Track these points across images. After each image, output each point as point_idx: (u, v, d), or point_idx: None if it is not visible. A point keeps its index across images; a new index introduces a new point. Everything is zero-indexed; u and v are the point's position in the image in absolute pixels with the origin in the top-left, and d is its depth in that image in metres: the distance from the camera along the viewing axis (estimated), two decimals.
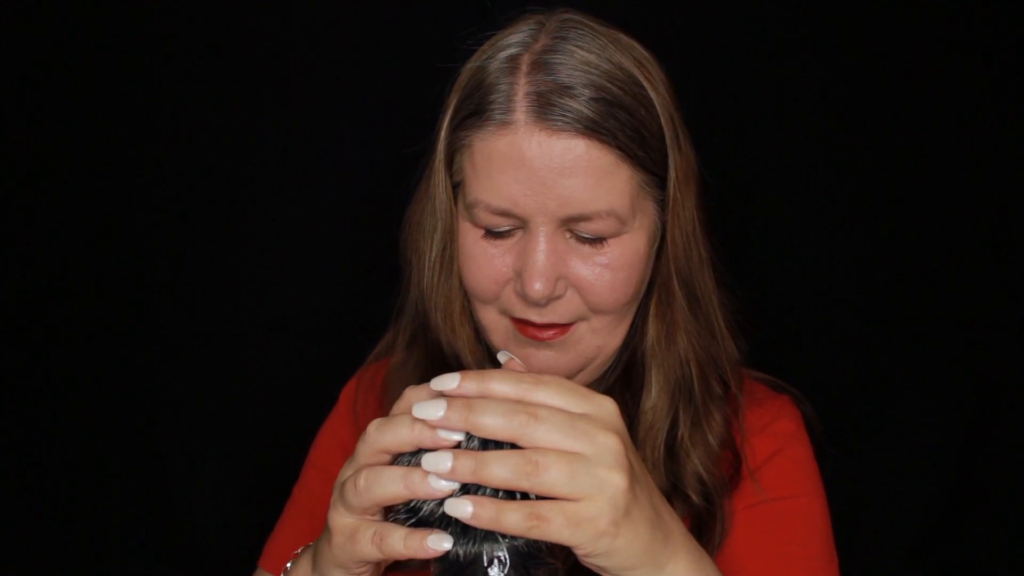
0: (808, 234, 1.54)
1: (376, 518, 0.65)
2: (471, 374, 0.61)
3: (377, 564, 0.68)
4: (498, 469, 0.57)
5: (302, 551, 0.80)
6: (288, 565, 0.81)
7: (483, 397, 0.60)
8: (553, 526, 0.58)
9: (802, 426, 1.00)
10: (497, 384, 0.61)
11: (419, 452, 0.62)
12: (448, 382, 0.61)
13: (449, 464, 0.58)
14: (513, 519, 0.57)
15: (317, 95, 1.55)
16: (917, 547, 1.59)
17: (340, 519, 0.64)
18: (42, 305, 1.63)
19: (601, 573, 0.64)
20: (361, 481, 0.61)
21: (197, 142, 1.58)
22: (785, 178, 1.52)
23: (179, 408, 1.66)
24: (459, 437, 0.60)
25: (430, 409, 0.59)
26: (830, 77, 1.49)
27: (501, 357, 0.71)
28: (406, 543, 0.60)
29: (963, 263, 1.53)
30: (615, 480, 0.59)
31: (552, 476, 0.58)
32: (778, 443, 0.97)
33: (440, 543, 0.60)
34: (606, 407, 0.63)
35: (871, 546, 1.57)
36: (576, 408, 0.61)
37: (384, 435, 0.62)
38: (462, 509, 0.58)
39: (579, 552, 0.61)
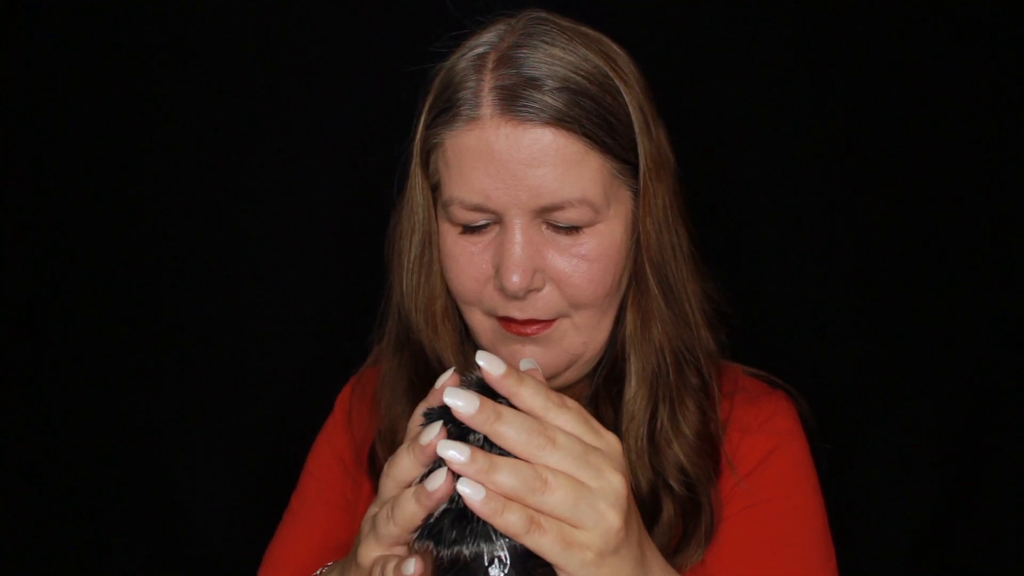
0: (804, 228, 1.53)
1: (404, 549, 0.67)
2: (513, 372, 0.63)
3: None
4: (507, 477, 0.59)
5: (324, 572, 0.81)
6: None
7: (511, 402, 0.62)
8: (546, 539, 0.59)
9: (798, 423, 0.99)
10: (528, 392, 0.62)
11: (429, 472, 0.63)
12: (494, 367, 0.62)
13: (464, 457, 0.59)
14: (513, 519, 0.59)
15: (315, 97, 1.58)
16: (917, 546, 1.56)
17: (370, 553, 0.67)
18: (43, 305, 1.65)
19: None
20: (390, 511, 0.64)
21: (199, 144, 1.61)
22: (782, 171, 1.52)
23: (179, 411, 1.67)
24: (435, 432, 0.62)
25: (464, 400, 0.60)
26: (821, 69, 1.50)
27: (524, 365, 0.71)
28: (393, 573, 0.64)
29: (962, 257, 1.52)
30: (611, 518, 0.61)
31: (556, 498, 0.60)
32: (774, 441, 0.96)
33: (407, 569, 0.63)
34: (615, 447, 0.65)
35: (870, 545, 1.53)
36: (590, 440, 0.63)
37: (393, 469, 0.64)
38: (469, 493, 0.59)
39: (562, 574, 0.62)
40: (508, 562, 0.62)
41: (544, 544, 0.59)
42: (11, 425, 1.66)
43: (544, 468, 0.60)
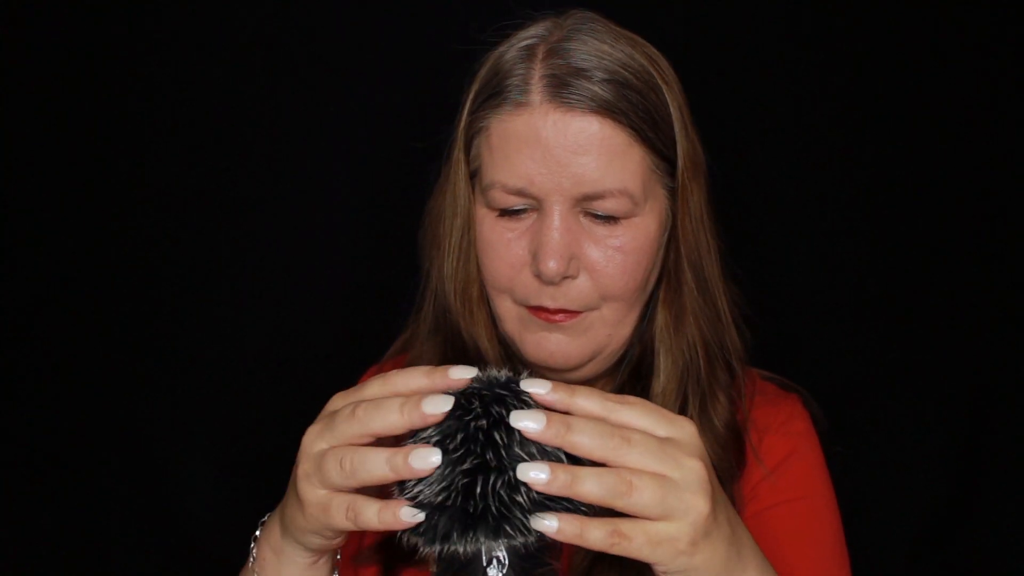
0: (812, 233, 1.55)
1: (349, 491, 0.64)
2: (560, 385, 0.63)
3: None
4: (592, 486, 0.58)
5: (269, 516, 0.80)
6: (257, 533, 0.81)
7: (570, 412, 0.61)
8: (635, 544, 0.59)
9: (811, 426, 1.02)
10: (583, 400, 0.62)
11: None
12: (539, 387, 0.62)
13: (546, 476, 0.58)
14: (596, 536, 0.59)
15: (322, 97, 1.59)
16: (917, 546, 1.57)
17: (314, 492, 0.65)
18: (42, 304, 1.64)
19: None
20: (347, 464, 0.61)
21: (201, 139, 1.61)
22: (790, 177, 1.54)
23: (179, 410, 1.66)
24: (447, 406, 0.60)
25: (530, 420, 0.60)
26: (836, 75, 1.52)
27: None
28: (380, 517, 0.61)
29: (966, 262, 1.54)
30: (699, 505, 0.61)
31: (644, 498, 0.59)
32: (793, 443, 0.98)
33: (412, 516, 0.60)
34: (688, 430, 0.64)
35: (872, 545, 1.54)
36: (660, 431, 0.62)
37: (374, 419, 0.62)
38: (547, 525, 0.59)
39: (658, 569, 0.62)
40: (507, 562, 0.61)
41: (634, 549, 0.59)
42: (11, 425, 1.64)
43: (627, 471, 0.59)
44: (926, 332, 1.56)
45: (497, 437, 0.60)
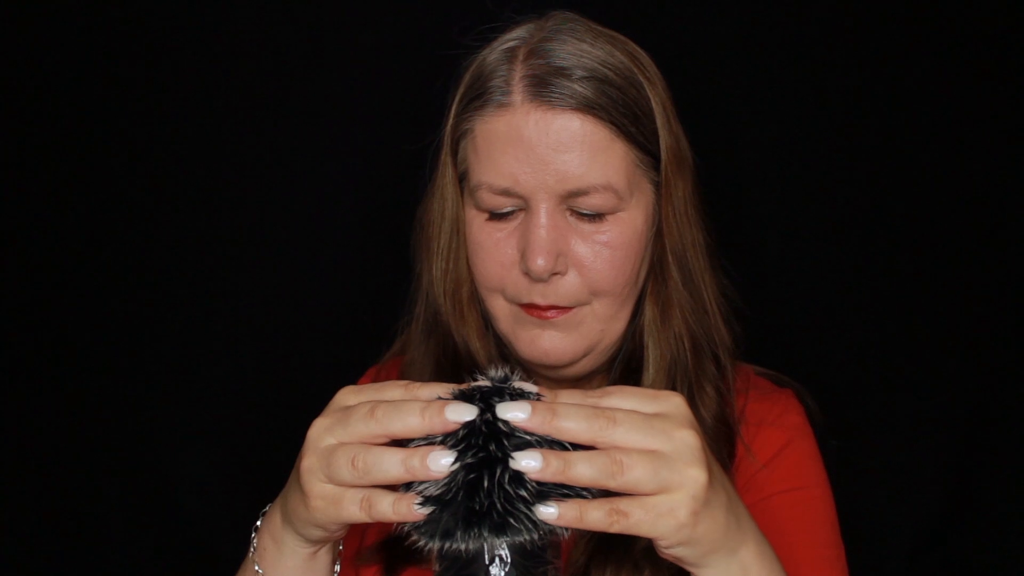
0: (809, 227, 1.54)
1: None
2: (543, 390, 0.64)
3: None
4: (584, 468, 0.60)
5: (270, 507, 0.81)
6: (258, 523, 0.81)
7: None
8: (633, 520, 0.60)
9: (806, 419, 1.03)
10: (567, 395, 0.64)
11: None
12: (527, 386, 0.64)
13: (538, 464, 0.60)
14: (595, 516, 0.60)
15: (323, 94, 1.59)
16: (917, 546, 1.55)
17: (320, 486, 0.65)
18: (42, 303, 1.64)
19: (681, 563, 0.66)
20: (360, 463, 0.62)
21: (199, 138, 1.60)
22: (786, 171, 1.54)
23: (180, 406, 1.64)
24: (470, 416, 0.61)
25: (516, 410, 0.61)
26: (831, 70, 1.51)
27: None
28: (395, 509, 0.62)
29: (965, 257, 1.52)
30: (695, 475, 0.62)
31: (636, 474, 0.60)
32: (788, 435, 0.99)
33: (425, 508, 0.61)
34: (675, 402, 0.65)
35: (870, 544, 1.53)
36: (647, 409, 0.64)
37: (393, 421, 0.62)
38: (548, 512, 0.60)
39: (660, 543, 0.63)
40: (509, 560, 0.62)
41: (633, 525, 0.60)
42: (9, 423, 1.64)
43: (616, 451, 0.60)
44: (925, 329, 1.54)
45: (501, 426, 0.61)
